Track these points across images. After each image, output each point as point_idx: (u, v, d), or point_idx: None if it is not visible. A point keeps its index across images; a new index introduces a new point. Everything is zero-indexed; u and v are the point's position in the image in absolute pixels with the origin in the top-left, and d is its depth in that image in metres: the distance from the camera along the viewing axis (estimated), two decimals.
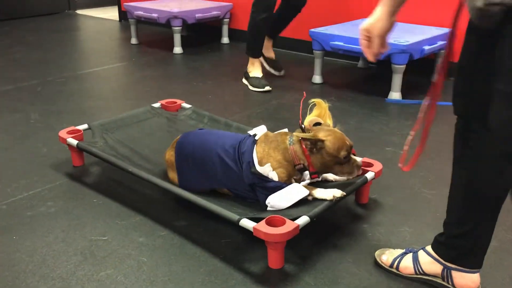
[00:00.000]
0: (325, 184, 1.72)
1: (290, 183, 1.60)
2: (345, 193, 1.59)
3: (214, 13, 4.22)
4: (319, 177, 1.70)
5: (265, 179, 1.59)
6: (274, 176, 1.59)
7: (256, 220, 1.46)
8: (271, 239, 1.41)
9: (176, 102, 2.46)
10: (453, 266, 1.36)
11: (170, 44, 4.17)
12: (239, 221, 1.48)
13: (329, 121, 1.77)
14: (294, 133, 1.62)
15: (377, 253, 1.53)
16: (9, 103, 2.89)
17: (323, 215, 1.61)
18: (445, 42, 3.11)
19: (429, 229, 1.67)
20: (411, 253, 1.45)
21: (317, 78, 3.30)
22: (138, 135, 2.17)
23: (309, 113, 1.80)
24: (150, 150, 2.05)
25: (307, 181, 1.69)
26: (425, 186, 1.96)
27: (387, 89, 2.99)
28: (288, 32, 4.10)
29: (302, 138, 1.57)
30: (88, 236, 1.64)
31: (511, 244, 1.60)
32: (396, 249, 1.51)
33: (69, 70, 3.57)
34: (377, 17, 1.27)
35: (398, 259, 1.47)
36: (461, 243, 1.32)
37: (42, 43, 4.38)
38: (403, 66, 2.89)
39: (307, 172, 1.64)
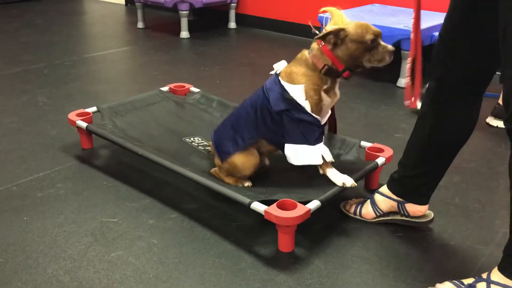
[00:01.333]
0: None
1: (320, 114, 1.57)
2: (355, 184, 1.58)
3: None
4: (351, 76, 1.58)
5: (298, 106, 1.53)
6: (306, 105, 1.53)
7: (267, 203, 1.46)
8: (282, 222, 1.41)
9: (184, 86, 2.45)
10: (404, 201, 1.55)
11: (177, 28, 4.14)
12: (250, 204, 1.47)
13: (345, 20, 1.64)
14: (312, 44, 1.56)
15: (341, 204, 1.70)
16: (17, 85, 2.89)
17: (333, 200, 1.61)
18: None
19: (440, 216, 1.67)
20: (369, 199, 1.63)
21: None
22: (147, 118, 2.16)
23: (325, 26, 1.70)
24: (159, 133, 2.05)
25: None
26: None
27: (396, 75, 2.97)
28: (296, 17, 4.07)
29: (323, 34, 1.48)
30: (99, 218, 1.65)
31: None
32: (358, 198, 1.69)
33: (76, 53, 3.55)
34: None
35: (359, 207, 1.64)
36: (413, 183, 1.51)
37: (49, 26, 4.37)
38: None
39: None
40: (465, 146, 1.41)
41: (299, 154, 1.57)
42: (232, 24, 4.44)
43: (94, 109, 2.17)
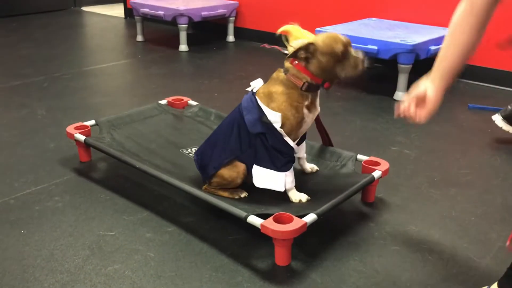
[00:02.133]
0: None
1: (296, 138, 1.61)
2: (309, 198, 1.64)
3: (220, 11, 4.22)
4: (331, 86, 1.61)
5: (274, 131, 1.56)
6: (282, 132, 1.57)
7: (264, 216, 1.46)
8: (278, 236, 1.42)
9: (182, 99, 2.47)
10: None
11: (175, 41, 4.18)
12: (247, 217, 1.48)
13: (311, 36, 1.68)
14: (285, 64, 1.58)
15: None
16: (16, 98, 2.90)
17: (330, 214, 1.61)
18: None
19: (436, 229, 1.68)
20: None
21: None
22: (145, 132, 2.17)
23: (288, 44, 1.72)
24: (157, 146, 2.06)
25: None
26: (431, 186, 1.96)
27: (393, 88, 2.99)
28: None
29: (293, 52, 1.51)
30: (96, 231, 1.65)
31: None
32: None
33: (75, 67, 3.58)
34: (435, 94, 1.31)
35: None
36: None
37: (49, 40, 4.40)
38: (409, 66, 2.89)
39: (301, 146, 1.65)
40: (462, 159, 1.41)
41: (264, 177, 1.61)
42: (231, 38, 4.47)
43: (92, 122, 2.18)
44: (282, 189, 1.62)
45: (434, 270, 1.48)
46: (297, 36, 1.62)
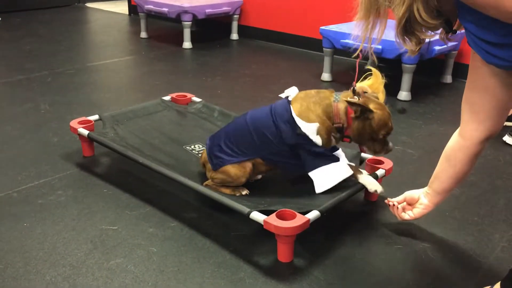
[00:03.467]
0: None
1: (330, 147, 1.62)
2: (383, 191, 1.64)
3: (224, 8, 4.22)
4: (350, 142, 1.64)
5: (310, 141, 1.58)
6: (318, 140, 1.58)
7: (267, 213, 1.46)
8: (281, 232, 1.42)
9: (186, 96, 2.47)
10: None
11: (179, 39, 4.17)
12: (250, 213, 1.48)
13: (382, 95, 1.70)
14: (342, 93, 1.60)
15: None
16: (20, 93, 2.91)
17: (333, 211, 1.61)
18: (456, 43, 3.11)
19: (437, 227, 1.67)
20: None
21: (326, 76, 3.30)
22: (148, 127, 2.17)
23: (362, 80, 1.76)
24: (160, 142, 2.06)
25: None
26: None
27: (397, 88, 2.99)
28: (298, 29, 4.11)
29: (350, 102, 1.53)
30: (98, 225, 1.65)
31: None
32: None
33: (79, 62, 3.58)
34: (426, 206, 1.53)
35: None
36: None
37: (53, 35, 4.40)
38: (414, 66, 2.88)
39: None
40: None
41: (329, 174, 1.60)
42: (234, 36, 4.47)
43: (96, 117, 2.18)
44: (351, 173, 1.62)
45: (436, 269, 1.48)
46: (375, 83, 1.68)
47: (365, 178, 1.64)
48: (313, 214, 1.46)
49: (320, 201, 1.55)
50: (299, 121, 1.58)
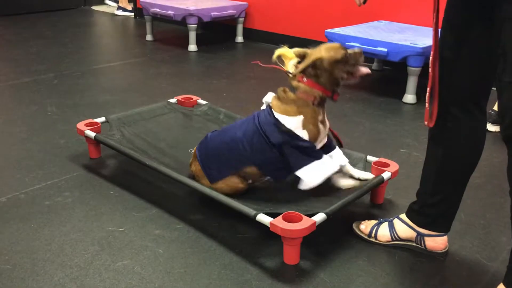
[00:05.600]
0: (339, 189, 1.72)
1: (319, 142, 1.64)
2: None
3: (230, 11, 4.23)
4: (338, 94, 1.66)
5: (296, 136, 1.58)
6: (304, 134, 1.59)
7: (273, 215, 1.47)
8: (287, 234, 1.42)
9: (192, 98, 2.48)
10: (425, 232, 1.53)
11: (185, 41, 4.19)
12: (256, 216, 1.48)
13: (293, 54, 1.71)
14: (291, 83, 1.62)
15: (354, 224, 1.67)
16: (26, 95, 2.93)
17: (339, 213, 1.61)
18: None
19: None
20: (387, 222, 1.60)
21: None
22: (155, 129, 2.18)
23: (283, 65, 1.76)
24: (167, 144, 2.07)
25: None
26: None
27: (402, 91, 2.99)
28: (304, 32, 4.11)
29: (303, 68, 1.57)
30: (105, 227, 1.66)
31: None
32: (371, 220, 1.65)
33: (85, 65, 3.60)
34: None
35: (375, 228, 1.61)
36: (433, 211, 1.49)
37: (59, 38, 4.42)
38: (419, 69, 2.88)
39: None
40: None
41: (314, 171, 1.60)
42: (240, 38, 4.48)
43: (102, 119, 2.19)
44: (337, 169, 1.65)
45: (443, 272, 1.48)
46: (291, 58, 1.68)
47: (352, 171, 1.70)
48: (320, 217, 1.47)
49: (327, 203, 1.55)
50: (282, 118, 1.60)
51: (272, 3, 4.30)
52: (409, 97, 2.95)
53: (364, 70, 1.62)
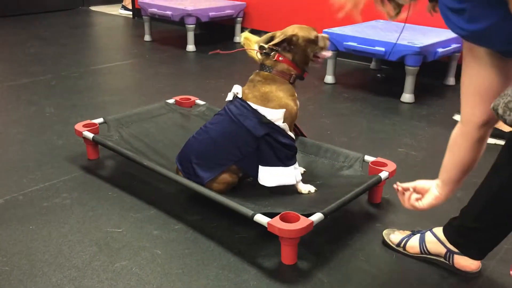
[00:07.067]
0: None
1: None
2: (316, 189, 1.72)
3: (228, 11, 4.23)
4: (307, 72, 1.74)
5: (277, 129, 1.62)
6: (285, 127, 1.64)
7: (271, 215, 1.47)
8: (285, 234, 1.42)
9: (190, 99, 2.48)
10: (456, 251, 1.45)
11: (183, 42, 4.19)
12: (253, 216, 1.49)
13: (260, 38, 1.79)
14: (265, 63, 1.68)
15: (385, 232, 1.61)
16: (24, 96, 2.93)
17: (336, 213, 1.62)
18: (459, 45, 3.11)
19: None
20: (419, 234, 1.54)
21: (329, 78, 3.31)
22: (152, 130, 2.19)
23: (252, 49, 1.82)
24: (164, 145, 2.07)
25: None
26: None
27: (400, 90, 2.99)
28: None
29: (277, 43, 1.63)
30: (103, 228, 1.66)
31: None
32: (404, 230, 1.60)
33: (83, 65, 3.60)
34: (436, 197, 1.42)
35: (405, 239, 1.55)
36: (472, 235, 1.40)
37: (57, 39, 4.42)
38: (416, 68, 2.89)
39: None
40: None
41: (273, 175, 1.64)
42: (238, 39, 4.48)
43: (100, 120, 2.19)
44: (294, 182, 1.67)
45: (440, 271, 1.48)
46: (254, 41, 1.76)
47: (299, 186, 1.71)
48: (317, 217, 1.47)
49: (324, 203, 1.55)
50: (261, 109, 1.62)
51: (270, 3, 4.30)
52: (407, 97, 2.95)
53: (327, 54, 1.72)
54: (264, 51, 1.67)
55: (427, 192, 1.46)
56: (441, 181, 1.43)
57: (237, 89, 1.71)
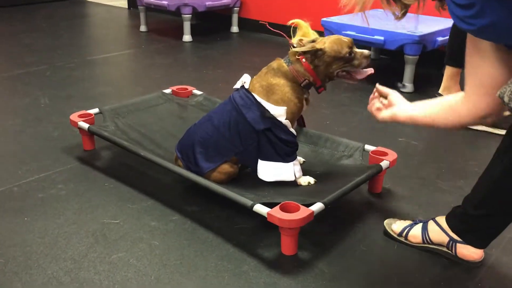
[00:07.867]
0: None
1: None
2: (316, 180, 1.67)
3: (225, 1, 4.19)
4: (325, 88, 1.66)
5: (279, 124, 1.58)
6: (287, 124, 1.60)
7: (270, 205, 1.44)
8: (285, 225, 1.40)
9: (187, 89, 2.45)
10: (459, 239, 1.42)
11: (179, 32, 4.15)
12: (253, 206, 1.46)
13: (314, 35, 1.75)
14: (289, 55, 1.62)
15: (386, 221, 1.59)
16: (20, 87, 2.88)
17: (337, 203, 1.60)
18: None
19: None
20: (421, 223, 1.52)
21: None
22: (149, 120, 2.15)
23: (293, 36, 1.79)
24: (161, 135, 2.04)
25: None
26: (438, 177, 1.94)
27: (399, 80, 2.96)
28: None
29: (300, 52, 1.56)
30: (100, 219, 1.63)
31: None
32: (406, 220, 1.57)
33: (78, 56, 3.55)
34: (404, 113, 1.39)
35: (407, 229, 1.53)
36: (475, 223, 1.38)
37: (52, 29, 4.37)
38: (416, 57, 2.86)
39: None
40: (469, 151, 1.40)
41: (272, 170, 1.62)
42: (235, 28, 4.44)
43: (96, 110, 2.16)
44: (293, 178, 1.64)
45: (442, 261, 1.46)
46: (306, 32, 1.71)
47: (299, 180, 1.68)
48: (317, 206, 1.45)
49: (324, 193, 1.53)
50: (265, 104, 1.59)
51: None
52: (407, 86, 2.93)
53: (369, 71, 1.64)
54: (293, 46, 1.62)
55: (391, 106, 1.42)
56: (410, 109, 1.40)
57: (245, 78, 1.67)
